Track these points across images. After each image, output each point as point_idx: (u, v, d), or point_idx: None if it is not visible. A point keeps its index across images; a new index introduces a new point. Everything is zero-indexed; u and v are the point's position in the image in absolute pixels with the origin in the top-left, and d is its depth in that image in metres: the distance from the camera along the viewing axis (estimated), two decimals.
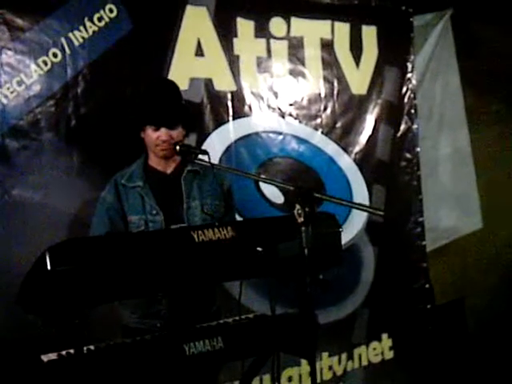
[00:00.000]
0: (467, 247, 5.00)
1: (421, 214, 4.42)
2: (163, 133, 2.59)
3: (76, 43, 3.11)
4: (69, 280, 1.76)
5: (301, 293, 2.08)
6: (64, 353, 1.96)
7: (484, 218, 4.92)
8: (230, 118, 3.60)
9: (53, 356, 1.94)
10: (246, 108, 3.67)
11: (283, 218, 2.44)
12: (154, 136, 2.61)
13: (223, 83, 3.56)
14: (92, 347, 2.02)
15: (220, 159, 3.47)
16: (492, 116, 5.03)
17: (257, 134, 3.71)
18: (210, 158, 2.42)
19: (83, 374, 1.89)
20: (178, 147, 2.56)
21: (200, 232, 2.06)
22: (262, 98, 3.74)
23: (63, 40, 3.08)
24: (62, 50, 3.08)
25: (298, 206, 1.93)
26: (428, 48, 4.60)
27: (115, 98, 3.16)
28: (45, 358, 1.93)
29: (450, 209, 4.68)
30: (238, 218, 3.06)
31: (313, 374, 2.05)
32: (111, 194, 2.68)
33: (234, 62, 3.60)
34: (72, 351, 1.92)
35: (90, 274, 1.80)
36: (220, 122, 3.55)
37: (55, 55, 3.06)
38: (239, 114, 3.64)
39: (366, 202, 4.10)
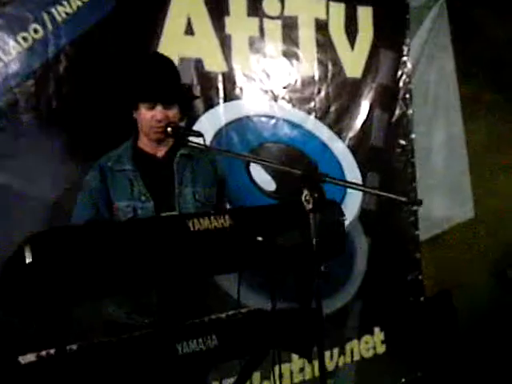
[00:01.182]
0: (457, 237, 4.88)
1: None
2: (158, 111, 2.42)
3: (58, 19, 2.92)
4: (51, 274, 1.58)
5: (303, 285, 1.94)
6: (44, 353, 1.77)
7: (475, 208, 4.80)
8: (221, 101, 3.42)
9: (31, 357, 1.75)
10: (238, 90, 3.50)
11: (284, 205, 2.30)
12: (149, 115, 2.44)
13: (214, 64, 3.39)
14: (75, 346, 1.83)
15: (210, 144, 3.29)
16: (486, 104, 4.89)
17: (248, 117, 3.55)
18: (204, 141, 2.25)
19: (65, 376, 1.72)
20: (169, 128, 2.39)
21: (195, 220, 1.89)
22: (254, 80, 3.57)
23: (45, 15, 2.89)
24: (44, 25, 2.88)
25: (305, 192, 1.77)
26: (423, 31, 4.44)
27: (100, 77, 2.98)
28: (22, 359, 1.75)
29: (443, 197, 4.55)
30: (228, 206, 2.89)
31: (322, 375, 1.90)
32: (96, 177, 2.50)
33: (225, 42, 3.43)
34: (53, 351, 1.75)
35: (75, 267, 1.63)
36: (210, 104, 3.38)
37: (36, 31, 2.87)
38: (230, 96, 3.47)
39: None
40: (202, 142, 2.25)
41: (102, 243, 1.70)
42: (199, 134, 2.31)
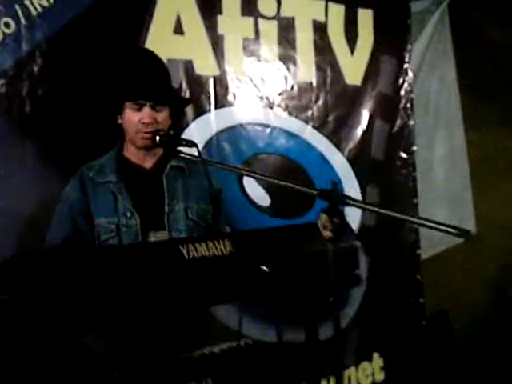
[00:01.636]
0: (457, 255, 4.61)
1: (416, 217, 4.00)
2: (146, 113, 2.15)
3: (33, 12, 2.62)
4: (9, 314, 1.27)
5: (310, 316, 1.79)
6: None
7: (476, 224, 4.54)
8: (212, 107, 3.13)
9: None
10: (230, 96, 3.21)
11: (292, 229, 2.00)
12: (135, 118, 2.16)
13: (205, 66, 3.09)
14: None
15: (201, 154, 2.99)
16: (488, 115, 4.66)
17: (241, 125, 3.26)
18: (199, 152, 1.95)
19: None
20: (158, 137, 2.09)
21: (191, 246, 1.60)
22: (248, 85, 3.28)
23: (18, 8, 2.59)
24: (17, 19, 2.59)
25: (324, 216, 1.48)
26: (425, 37, 4.20)
27: (80, 77, 2.67)
28: None
29: (445, 214, 4.28)
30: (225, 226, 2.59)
31: None
32: (76, 189, 2.22)
33: (217, 43, 3.14)
34: None
35: (41, 306, 1.32)
36: (200, 110, 3.09)
37: (7, 25, 2.57)
38: (222, 102, 3.18)
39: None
40: (195, 153, 1.96)
41: (77, 276, 1.40)
42: (192, 144, 2.01)
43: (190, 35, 3.02)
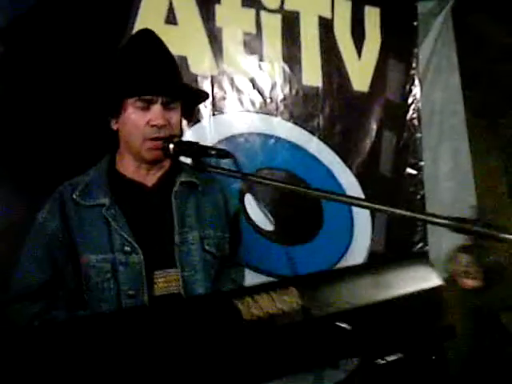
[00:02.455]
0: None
1: (425, 242, 3.57)
2: (157, 113, 1.61)
3: None
4: None
5: None
6: None
7: None
8: (209, 113, 2.61)
9: None
10: (230, 100, 2.70)
11: (360, 268, 1.51)
12: (141, 120, 1.62)
13: (201, 64, 2.60)
14: None
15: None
16: (494, 126, 4.28)
17: (242, 135, 2.74)
18: (238, 165, 1.43)
19: None
20: (172, 146, 1.56)
21: (249, 301, 1.08)
22: (250, 89, 2.78)
23: None
24: None
25: (465, 258, 1.02)
26: (430, 41, 3.79)
27: (52, 71, 2.12)
28: None
29: (452, 235, 3.84)
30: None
31: None
32: (54, 216, 1.67)
33: (215, 37, 2.64)
34: None
35: None
36: (196, 117, 2.56)
37: None
38: (220, 107, 2.67)
39: (369, 230, 3.22)
40: (232, 167, 1.43)
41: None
42: (226, 154, 1.49)
43: (185, 26, 2.52)
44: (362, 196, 3.19)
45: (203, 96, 1.90)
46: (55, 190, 1.70)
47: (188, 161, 1.64)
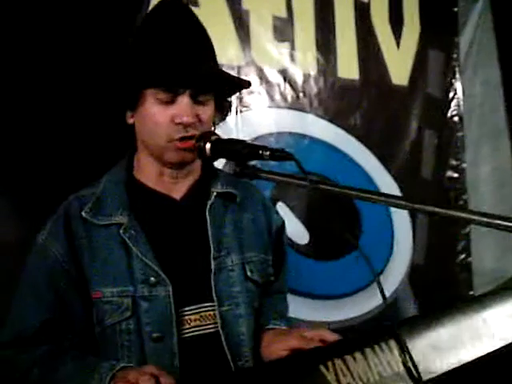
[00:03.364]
0: None
1: (468, 252, 3.22)
2: (185, 107, 1.26)
3: None
4: None
5: None
6: None
7: None
8: (235, 110, 2.26)
9: None
10: (258, 95, 2.34)
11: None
12: (164, 117, 1.27)
13: (226, 52, 2.24)
14: None
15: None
16: None
17: (271, 135, 2.39)
18: (304, 171, 1.07)
19: None
20: (208, 145, 1.20)
21: (340, 364, 0.75)
22: (280, 81, 2.42)
23: None
24: None
25: None
26: (469, 31, 3.43)
27: (53, 69, 1.77)
28: None
29: (495, 244, 3.50)
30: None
31: None
32: (57, 238, 1.30)
33: (241, 21, 2.28)
34: None
35: None
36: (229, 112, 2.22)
37: None
38: (247, 103, 2.31)
39: (410, 240, 2.87)
40: (300, 174, 1.07)
41: None
42: (288, 156, 1.12)
43: (207, 8, 2.16)
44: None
45: (244, 86, 1.51)
46: (58, 206, 1.33)
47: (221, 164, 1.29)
